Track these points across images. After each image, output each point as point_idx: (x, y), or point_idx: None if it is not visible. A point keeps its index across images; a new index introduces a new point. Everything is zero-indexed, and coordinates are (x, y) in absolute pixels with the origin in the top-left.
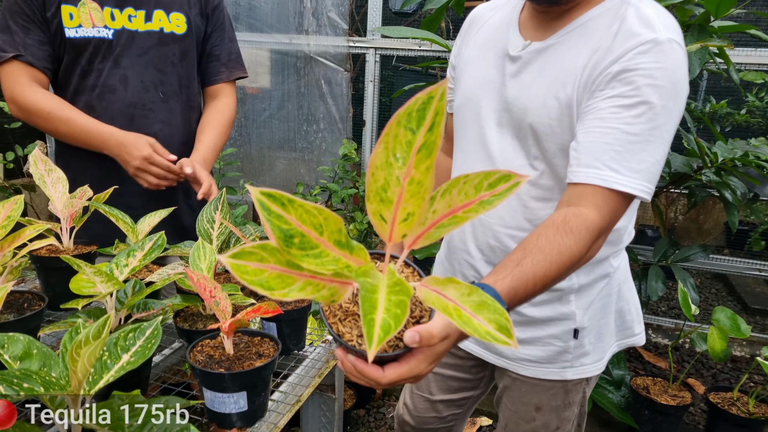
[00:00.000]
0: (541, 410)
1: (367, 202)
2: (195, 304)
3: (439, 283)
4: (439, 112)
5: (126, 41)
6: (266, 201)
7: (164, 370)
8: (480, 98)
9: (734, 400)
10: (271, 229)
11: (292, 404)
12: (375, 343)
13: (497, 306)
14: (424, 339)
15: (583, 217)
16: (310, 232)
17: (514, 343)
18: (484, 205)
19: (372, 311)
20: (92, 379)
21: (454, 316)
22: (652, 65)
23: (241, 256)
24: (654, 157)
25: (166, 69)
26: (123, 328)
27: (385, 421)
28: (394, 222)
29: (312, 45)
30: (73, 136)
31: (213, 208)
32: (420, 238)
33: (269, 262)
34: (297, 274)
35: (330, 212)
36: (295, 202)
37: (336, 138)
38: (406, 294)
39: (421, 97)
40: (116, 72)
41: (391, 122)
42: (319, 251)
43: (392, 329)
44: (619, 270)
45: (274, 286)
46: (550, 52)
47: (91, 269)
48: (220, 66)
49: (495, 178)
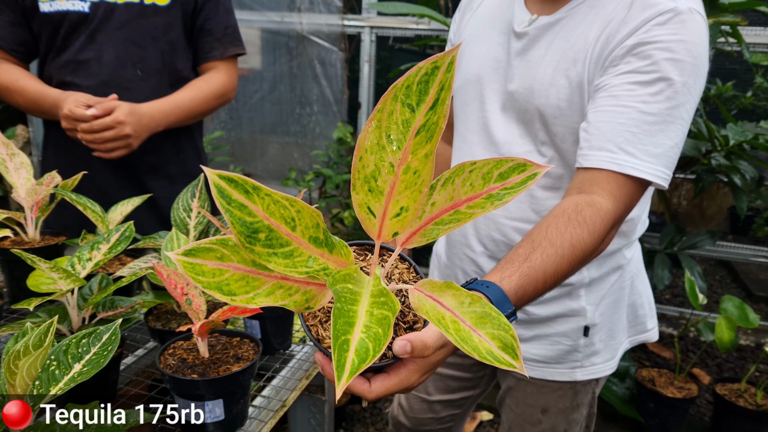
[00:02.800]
0: (548, 412)
1: (352, 191)
2: (168, 301)
3: (436, 288)
4: (445, 87)
5: (104, 14)
6: (226, 187)
7: (137, 372)
8: (483, 79)
9: (742, 392)
10: (230, 221)
11: (276, 410)
12: (346, 374)
13: (502, 320)
14: (417, 350)
15: (596, 206)
16: (279, 227)
17: (520, 366)
18: (493, 201)
19: (347, 330)
20: (36, 394)
21: (450, 330)
22: (672, 37)
23: (197, 253)
24: (672, 139)
25: (146, 44)
26: (75, 333)
27: (382, 416)
28: (384, 217)
29: (305, 23)
30: (30, 107)
31: (190, 194)
32: (415, 235)
33: (231, 261)
34: (265, 275)
35: (305, 204)
36: (262, 190)
37: (330, 121)
38: (391, 309)
39: (424, 66)
40: (91, 47)
41: (386, 95)
42: (290, 249)
43: (370, 356)
44: (632, 261)
45: (236, 290)
46: (558, 27)
47: (47, 265)
48: (213, 41)
49: (507, 167)
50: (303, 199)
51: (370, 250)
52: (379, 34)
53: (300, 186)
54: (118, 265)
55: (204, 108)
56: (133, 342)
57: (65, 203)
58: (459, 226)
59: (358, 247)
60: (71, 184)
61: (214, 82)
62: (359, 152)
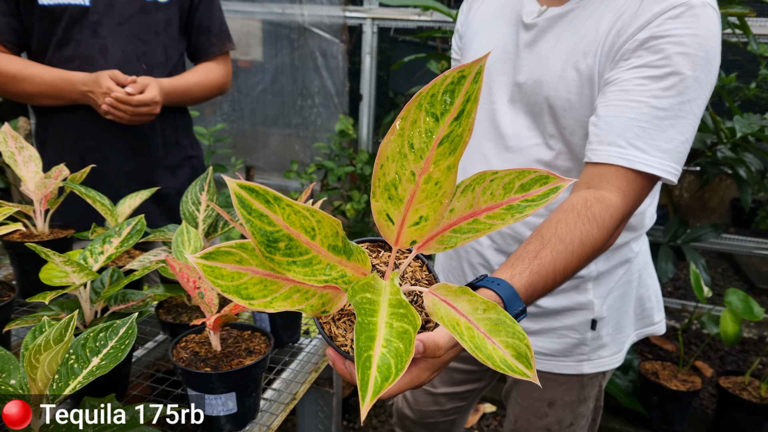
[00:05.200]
0: (555, 406)
1: (372, 198)
2: (179, 294)
3: (451, 292)
4: (471, 98)
5: (104, 8)
6: (247, 197)
7: (147, 365)
8: (490, 71)
9: (745, 385)
10: (251, 230)
11: (286, 403)
12: (370, 395)
13: (517, 328)
14: (430, 350)
15: (606, 202)
16: (299, 236)
17: (533, 375)
18: (513, 213)
19: (369, 346)
20: (56, 387)
21: (465, 337)
22: (684, 31)
23: (216, 256)
24: (683, 135)
25: (150, 39)
26: (93, 327)
27: (385, 408)
28: (403, 225)
29: (306, 15)
30: (42, 93)
31: (198, 188)
32: (432, 240)
33: (250, 265)
34: (282, 279)
35: (325, 214)
36: (283, 200)
37: (332, 113)
38: (411, 323)
39: (450, 75)
40: (95, 42)
41: (410, 104)
42: (310, 258)
43: (392, 374)
44: (640, 255)
45: (254, 294)
46: (569, 19)
47: (61, 258)
48: (211, 38)
49: (529, 178)
50: (312, 192)
51: (381, 246)
52: (381, 26)
53: (302, 178)
54: (126, 258)
55: (205, 94)
56: (142, 335)
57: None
58: (478, 236)
59: (370, 243)
60: (80, 177)
61: (217, 72)
62: (380, 160)
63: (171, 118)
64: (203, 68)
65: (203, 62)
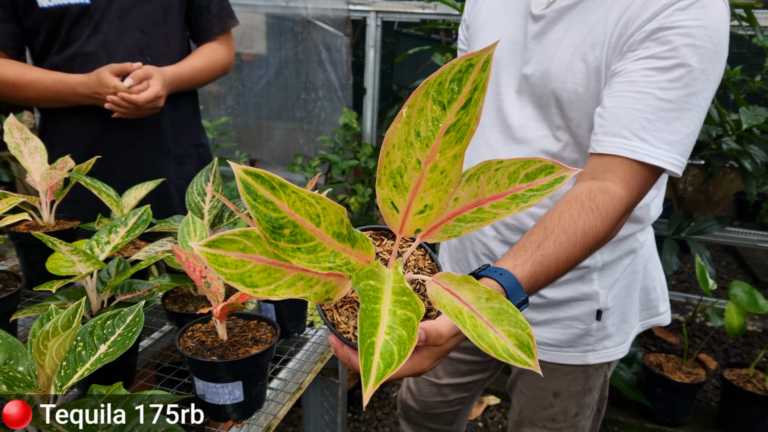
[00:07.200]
0: (560, 396)
1: (377, 186)
2: (185, 284)
3: (454, 281)
4: (479, 87)
5: (105, 4)
6: (253, 183)
7: (153, 355)
8: (498, 62)
9: (750, 377)
10: (256, 217)
11: (292, 392)
12: (372, 381)
13: (519, 317)
14: (432, 338)
15: (610, 193)
16: (304, 222)
17: (536, 365)
18: (518, 202)
19: (372, 333)
20: (64, 374)
21: (468, 326)
22: (692, 23)
23: (220, 244)
24: (689, 127)
25: (151, 30)
26: (100, 314)
27: (389, 400)
28: (408, 213)
29: (310, 8)
30: (45, 98)
31: (204, 179)
32: (436, 229)
33: (254, 252)
34: (286, 267)
35: (330, 201)
36: (288, 186)
37: (335, 107)
38: (415, 311)
39: (458, 63)
40: (96, 38)
41: (417, 92)
42: (314, 245)
43: (395, 361)
44: (645, 245)
45: (258, 281)
46: (577, 10)
47: (68, 248)
48: (212, 18)
49: (534, 168)
50: (317, 185)
51: (384, 235)
52: (385, 19)
53: (306, 171)
54: (132, 248)
55: (210, 77)
56: (148, 325)
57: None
58: (482, 226)
59: (373, 231)
60: (85, 169)
61: (221, 53)
62: (386, 148)
63: (179, 105)
64: (206, 50)
65: (206, 43)
